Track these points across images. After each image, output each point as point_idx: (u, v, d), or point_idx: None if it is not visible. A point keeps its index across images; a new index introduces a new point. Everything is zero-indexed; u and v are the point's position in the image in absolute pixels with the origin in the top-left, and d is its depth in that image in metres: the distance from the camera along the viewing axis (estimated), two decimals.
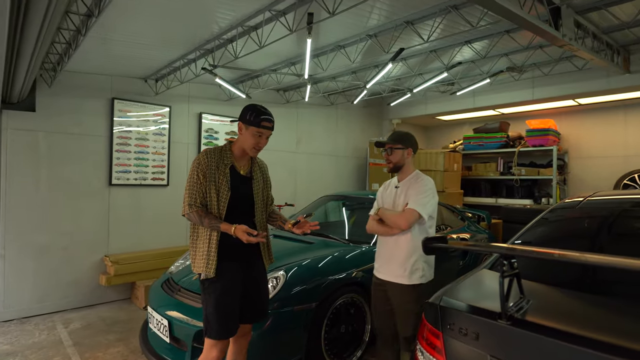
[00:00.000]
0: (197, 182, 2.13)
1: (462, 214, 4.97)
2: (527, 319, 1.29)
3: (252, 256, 2.31)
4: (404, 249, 2.40)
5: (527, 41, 4.05)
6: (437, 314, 1.51)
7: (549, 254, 1.25)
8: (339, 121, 7.49)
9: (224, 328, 2.10)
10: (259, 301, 2.34)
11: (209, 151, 2.18)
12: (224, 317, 2.10)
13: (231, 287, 2.14)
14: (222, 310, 2.10)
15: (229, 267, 2.14)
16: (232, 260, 2.17)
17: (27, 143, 4.35)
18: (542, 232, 2.22)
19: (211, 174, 2.13)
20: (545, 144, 6.45)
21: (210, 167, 2.14)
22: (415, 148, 2.61)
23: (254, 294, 2.29)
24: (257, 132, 2.15)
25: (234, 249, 2.16)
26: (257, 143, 2.19)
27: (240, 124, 2.20)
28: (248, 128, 2.15)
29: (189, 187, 2.14)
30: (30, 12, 1.93)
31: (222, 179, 2.16)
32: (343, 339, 3.06)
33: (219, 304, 2.09)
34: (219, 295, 2.10)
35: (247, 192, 2.27)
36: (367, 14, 3.41)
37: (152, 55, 4.22)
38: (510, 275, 1.30)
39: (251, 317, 2.31)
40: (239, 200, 2.21)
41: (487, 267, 1.89)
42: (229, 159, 2.22)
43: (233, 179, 2.20)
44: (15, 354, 3.47)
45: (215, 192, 2.14)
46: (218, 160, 2.17)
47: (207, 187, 2.14)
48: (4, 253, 4.24)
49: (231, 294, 2.13)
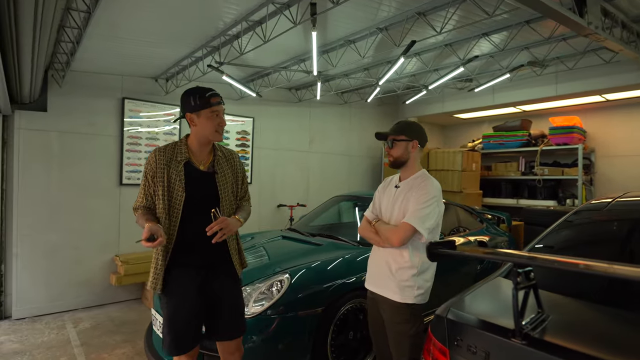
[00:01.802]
0: (145, 183, 1.94)
1: (480, 215, 4.75)
2: (544, 339, 1.12)
3: (216, 260, 2.03)
4: (398, 261, 2.11)
5: (549, 32, 3.80)
6: (445, 328, 1.36)
7: (571, 265, 1.08)
8: (352, 120, 7.33)
9: (175, 345, 1.92)
10: (229, 314, 2.04)
11: (159, 149, 1.96)
12: (174, 334, 1.92)
13: (182, 303, 1.92)
14: (173, 327, 1.91)
15: (181, 278, 1.93)
16: (186, 267, 1.95)
17: (39, 143, 4.37)
18: (565, 236, 2.03)
19: (160, 174, 1.90)
20: (570, 142, 6.13)
21: (160, 166, 1.91)
22: (423, 141, 2.25)
23: (222, 306, 2.02)
24: (212, 112, 1.91)
25: (188, 254, 1.95)
26: (219, 124, 1.95)
27: (188, 116, 1.93)
28: (200, 114, 1.90)
29: (139, 190, 1.97)
30: (19, 5, 1.87)
31: (175, 178, 1.91)
32: (350, 345, 2.92)
33: (170, 321, 1.92)
34: (170, 312, 1.92)
35: (209, 191, 2.00)
36: (377, 5, 3.26)
37: (160, 53, 4.18)
38: (526, 287, 1.13)
39: (225, 332, 2.05)
40: (199, 201, 1.94)
41: (502, 275, 1.71)
42: (183, 154, 1.96)
43: (190, 177, 1.95)
44: (24, 352, 3.47)
45: (166, 194, 1.90)
46: (170, 158, 1.93)
47: (154, 189, 1.92)
48: (17, 252, 4.28)
49: (182, 311, 1.92)
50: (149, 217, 1.90)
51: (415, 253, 2.10)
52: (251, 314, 2.50)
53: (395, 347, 2.12)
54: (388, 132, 2.27)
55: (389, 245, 2.12)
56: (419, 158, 2.28)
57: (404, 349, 2.07)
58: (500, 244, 4.39)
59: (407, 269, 2.09)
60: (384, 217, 2.27)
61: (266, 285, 2.69)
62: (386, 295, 2.15)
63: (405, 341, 2.07)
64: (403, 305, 2.08)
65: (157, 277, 1.91)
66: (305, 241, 3.63)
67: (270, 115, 6.18)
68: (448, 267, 3.49)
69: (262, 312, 2.54)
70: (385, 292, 2.15)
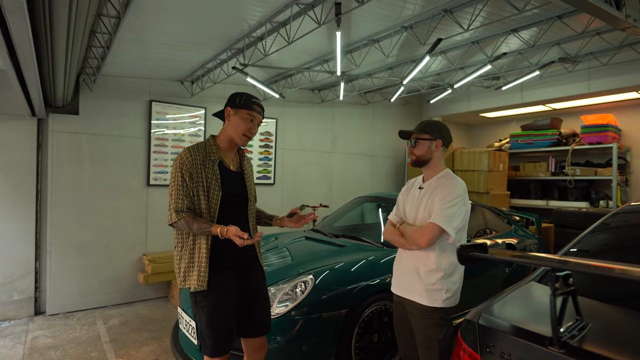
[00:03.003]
0: (182, 184, 1.89)
1: (508, 217, 4.61)
2: (584, 348, 1.07)
3: (248, 260, 2.09)
4: (425, 264, 2.06)
5: (583, 27, 3.65)
6: (476, 334, 1.32)
7: (608, 270, 1.02)
8: (375, 120, 7.27)
9: (218, 345, 1.92)
10: (260, 312, 2.10)
11: (192, 148, 1.94)
12: (218, 334, 1.91)
13: (224, 301, 1.93)
14: (216, 327, 1.91)
15: (221, 278, 1.93)
16: (225, 269, 1.95)
17: (71, 145, 4.53)
18: (602, 240, 1.94)
19: (197, 173, 1.90)
20: (603, 141, 5.88)
21: (196, 165, 1.90)
22: (447, 141, 2.20)
23: (253, 303, 2.07)
24: (249, 114, 1.95)
25: (226, 255, 1.95)
26: (249, 129, 1.96)
27: (228, 110, 1.98)
28: (238, 112, 1.95)
29: (174, 192, 1.90)
30: (54, 13, 1.93)
31: (212, 177, 1.92)
32: (375, 348, 2.88)
33: (212, 320, 1.90)
34: (212, 311, 1.90)
35: (240, 189, 2.05)
36: (402, 3, 3.20)
37: (186, 56, 4.26)
38: (564, 293, 1.08)
39: (256, 330, 2.10)
40: (232, 200, 1.98)
41: (535, 280, 1.65)
42: (216, 154, 1.98)
43: (223, 177, 1.97)
44: (57, 347, 3.60)
45: (205, 194, 1.91)
46: (204, 157, 1.94)
47: (193, 189, 1.91)
48: (50, 250, 4.45)
49: (224, 309, 1.93)
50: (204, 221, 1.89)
51: (442, 255, 2.05)
52: (275, 315, 2.50)
53: (424, 353, 2.07)
54: (412, 130, 2.23)
55: (416, 247, 2.07)
56: (442, 158, 2.22)
57: (433, 354, 2.02)
58: (529, 247, 4.25)
59: (434, 272, 2.04)
60: (409, 219, 2.22)
61: (290, 286, 2.69)
62: (414, 299, 2.10)
63: (435, 346, 2.02)
64: (431, 309, 2.04)
65: (202, 273, 1.89)
66: (329, 242, 3.61)
67: (293, 116, 6.20)
68: (474, 270, 3.40)
69: (286, 312, 2.53)
70: (413, 295, 2.11)
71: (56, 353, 3.49)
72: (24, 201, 4.40)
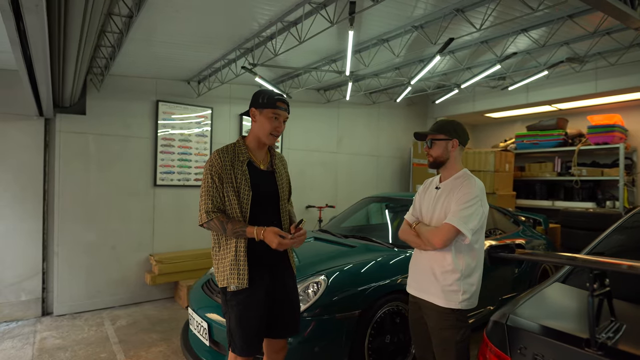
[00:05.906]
0: (212, 186, 1.92)
1: (515, 217, 4.59)
2: (622, 349, 1.05)
3: (281, 261, 2.09)
4: (442, 265, 2.03)
5: (594, 26, 3.64)
6: (505, 335, 1.30)
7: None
8: (381, 120, 7.26)
9: (247, 344, 1.92)
10: (290, 313, 2.09)
11: (221, 150, 1.97)
12: (248, 333, 1.91)
13: (255, 301, 1.93)
14: (246, 325, 1.91)
15: (255, 278, 1.94)
16: (259, 269, 1.96)
17: (78, 145, 4.52)
18: (620, 241, 1.92)
19: (227, 174, 1.92)
20: (610, 142, 5.86)
21: (225, 167, 1.93)
22: (464, 139, 2.17)
23: (284, 305, 2.07)
24: (274, 113, 1.95)
25: (260, 255, 1.96)
26: (275, 127, 1.97)
27: (253, 110, 2.00)
28: (262, 112, 1.96)
29: (205, 193, 1.93)
30: (69, 12, 1.92)
31: (241, 177, 1.94)
32: (388, 349, 2.87)
33: (242, 319, 1.91)
34: (242, 309, 1.91)
35: (271, 188, 2.05)
36: (414, 3, 3.19)
37: (195, 56, 4.24)
38: (601, 294, 1.06)
39: (282, 331, 2.09)
40: (263, 199, 1.99)
41: (559, 281, 1.63)
42: (244, 154, 2.00)
43: (253, 176, 1.98)
44: (66, 348, 3.58)
45: (235, 195, 1.92)
46: (233, 158, 1.96)
47: (224, 190, 1.93)
48: (57, 250, 4.43)
49: (255, 308, 1.93)
50: (238, 222, 1.91)
51: (458, 256, 2.02)
52: None
53: (441, 354, 2.05)
54: (427, 131, 2.21)
55: (431, 248, 2.05)
56: (459, 157, 2.19)
57: (449, 356, 2.01)
58: (537, 247, 4.23)
59: (450, 273, 2.02)
60: (425, 219, 2.21)
61: (302, 287, 2.67)
62: (430, 300, 2.08)
63: (452, 348, 2.00)
64: (448, 310, 2.02)
65: (242, 272, 1.90)
66: (338, 242, 3.59)
67: (299, 116, 6.19)
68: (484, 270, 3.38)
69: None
70: (429, 296, 2.09)
71: (65, 354, 3.47)
72: (32, 202, 4.38)
